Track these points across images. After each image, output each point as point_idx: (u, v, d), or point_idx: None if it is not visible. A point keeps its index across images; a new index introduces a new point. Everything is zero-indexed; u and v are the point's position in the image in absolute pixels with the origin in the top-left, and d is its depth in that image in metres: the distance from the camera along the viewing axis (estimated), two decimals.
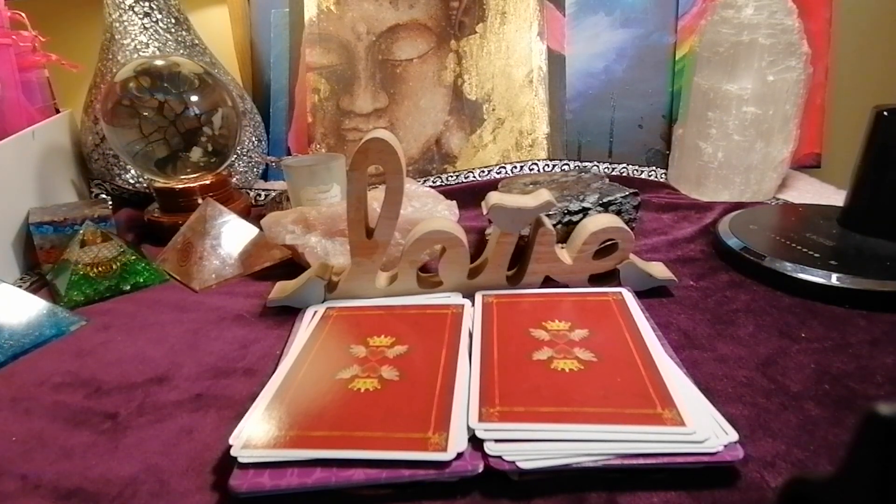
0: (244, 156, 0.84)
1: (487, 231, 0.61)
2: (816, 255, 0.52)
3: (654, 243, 0.62)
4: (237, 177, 0.83)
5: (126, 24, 0.75)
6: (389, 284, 0.51)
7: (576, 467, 0.31)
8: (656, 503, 0.30)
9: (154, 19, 0.76)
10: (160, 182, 0.71)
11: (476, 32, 0.85)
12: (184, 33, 0.79)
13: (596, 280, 0.51)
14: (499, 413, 0.34)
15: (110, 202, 0.75)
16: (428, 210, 0.58)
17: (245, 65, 0.94)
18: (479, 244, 0.63)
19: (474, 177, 0.82)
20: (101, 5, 0.76)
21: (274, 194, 0.77)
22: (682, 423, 0.32)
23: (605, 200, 0.60)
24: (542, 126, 0.83)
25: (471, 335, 0.43)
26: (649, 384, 0.36)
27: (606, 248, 0.50)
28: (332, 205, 0.60)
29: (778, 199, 0.73)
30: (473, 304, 0.47)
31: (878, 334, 0.44)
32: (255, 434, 0.34)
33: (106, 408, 0.40)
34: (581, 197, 0.60)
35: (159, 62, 0.69)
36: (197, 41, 0.81)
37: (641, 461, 0.31)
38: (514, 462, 0.31)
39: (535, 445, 0.32)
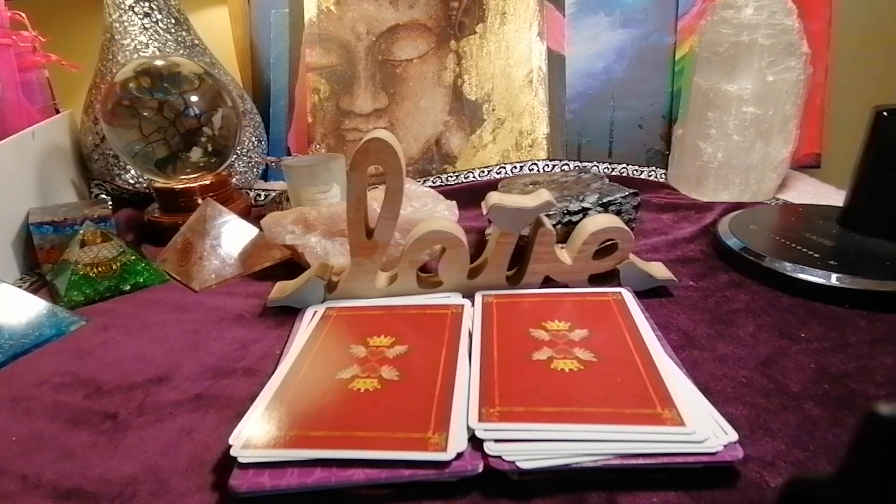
0: (244, 156, 0.84)
1: (487, 231, 0.61)
2: (816, 255, 0.52)
3: (653, 243, 0.62)
4: (237, 177, 0.83)
5: (126, 24, 0.75)
6: (389, 284, 0.51)
7: (576, 467, 0.31)
8: (656, 503, 0.30)
9: (154, 19, 0.76)
10: (160, 182, 0.71)
11: (476, 33, 0.85)
12: (184, 33, 0.79)
13: (596, 280, 0.51)
14: (498, 413, 0.34)
15: (110, 202, 0.75)
16: (428, 210, 0.58)
17: (245, 65, 0.94)
18: (479, 244, 0.63)
19: (474, 177, 0.82)
20: (101, 5, 0.76)
21: (274, 194, 0.77)
22: (682, 423, 0.32)
23: (604, 200, 0.60)
24: (541, 126, 0.83)
25: (471, 335, 0.43)
26: (649, 384, 0.36)
27: (606, 249, 0.50)
28: (331, 205, 0.60)
29: (778, 200, 0.73)
30: (473, 304, 0.47)
31: (878, 334, 0.44)
32: (255, 434, 0.34)
33: (106, 408, 0.40)
34: (581, 197, 0.60)
35: (159, 62, 0.69)
36: (197, 41, 0.81)
37: (641, 461, 0.31)
38: (513, 462, 0.31)
39: (535, 445, 0.32)
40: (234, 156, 0.79)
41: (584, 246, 0.49)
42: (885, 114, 0.53)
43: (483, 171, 0.82)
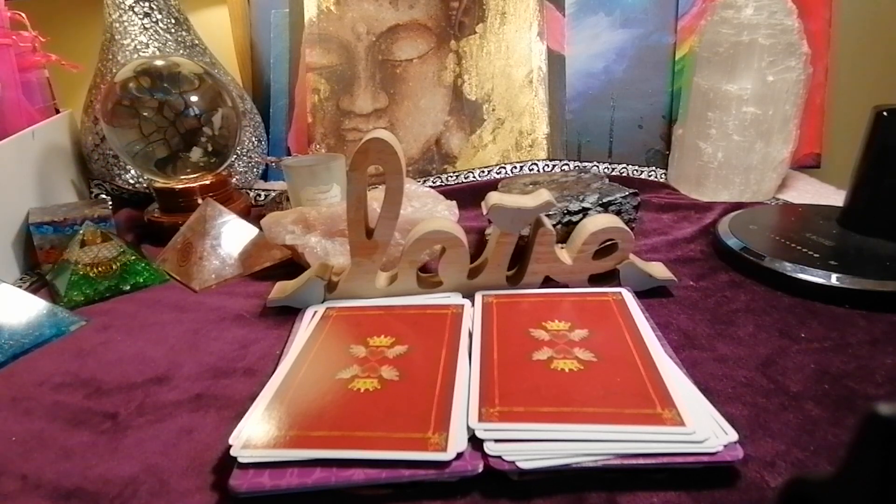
0: (244, 156, 0.84)
1: (487, 231, 0.61)
2: (816, 255, 0.52)
3: (653, 243, 0.62)
4: (237, 177, 0.83)
5: (126, 24, 0.75)
6: (389, 284, 0.51)
7: (576, 467, 0.31)
8: (656, 503, 0.30)
9: (154, 19, 0.76)
10: (160, 182, 0.71)
11: (476, 33, 0.85)
12: (184, 33, 0.79)
13: (596, 280, 0.51)
14: (499, 413, 0.34)
15: (110, 202, 0.75)
16: (428, 210, 0.58)
17: (245, 65, 0.94)
18: (479, 244, 0.63)
19: (474, 177, 0.82)
20: (101, 5, 0.76)
21: (274, 194, 0.77)
22: (682, 423, 0.32)
23: (604, 200, 0.60)
24: (541, 126, 0.83)
25: (471, 335, 0.43)
26: (649, 384, 0.36)
27: (606, 249, 0.50)
28: (332, 205, 0.60)
29: (778, 199, 0.73)
30: (473, 305, 0.47)
31: (878, 334, 0.44)
32: (255, 434, 0.34)
33: (106, 408, 0.40)
34: (581, 197, 0.60)
35: (159, 62, 0.69)
36: (197, 41, 0.81)
37: (641, 461, 0.31)
38: (513, 462, 0.31)
39: (535, 445, 0.32)
40: (234, 156, 0.79)
41: (584, 246, 0.49)
42: (885, 114, 0.53)
43: (483, 171, 0.82)
